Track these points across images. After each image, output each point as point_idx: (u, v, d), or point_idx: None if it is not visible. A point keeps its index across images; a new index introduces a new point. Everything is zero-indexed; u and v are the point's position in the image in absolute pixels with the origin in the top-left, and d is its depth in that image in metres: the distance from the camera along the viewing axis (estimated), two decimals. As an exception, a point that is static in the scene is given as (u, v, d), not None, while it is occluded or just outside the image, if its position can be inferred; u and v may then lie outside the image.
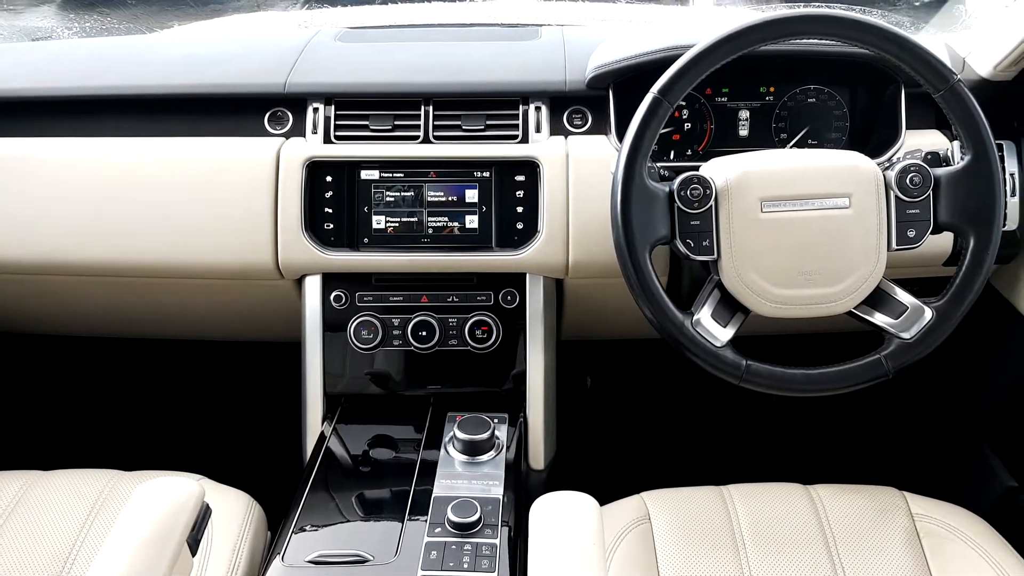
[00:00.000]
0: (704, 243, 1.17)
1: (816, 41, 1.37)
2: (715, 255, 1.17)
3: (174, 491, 0.90)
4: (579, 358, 1.54)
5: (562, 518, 0.88)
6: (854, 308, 1.18)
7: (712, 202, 1.16)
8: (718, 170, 1.19)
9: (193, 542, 0.90)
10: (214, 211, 1.43)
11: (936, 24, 1.99)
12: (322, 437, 1.39)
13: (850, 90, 1.51)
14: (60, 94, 1.52)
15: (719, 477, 1.42)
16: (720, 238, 1.16)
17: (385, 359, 1.46)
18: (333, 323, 1.45)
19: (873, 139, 1.49)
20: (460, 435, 1.30)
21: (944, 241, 1.38)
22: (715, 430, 2.16)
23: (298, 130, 1.48)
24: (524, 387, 1.45)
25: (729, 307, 1.18)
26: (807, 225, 1.15)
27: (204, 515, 0.93)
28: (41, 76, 1.58)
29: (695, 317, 1.17)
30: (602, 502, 1.07)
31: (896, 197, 1.16)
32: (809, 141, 1.51)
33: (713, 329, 1.17)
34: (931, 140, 1.44)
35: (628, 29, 1.58)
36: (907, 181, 1.15)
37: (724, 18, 1.66)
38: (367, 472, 1.32)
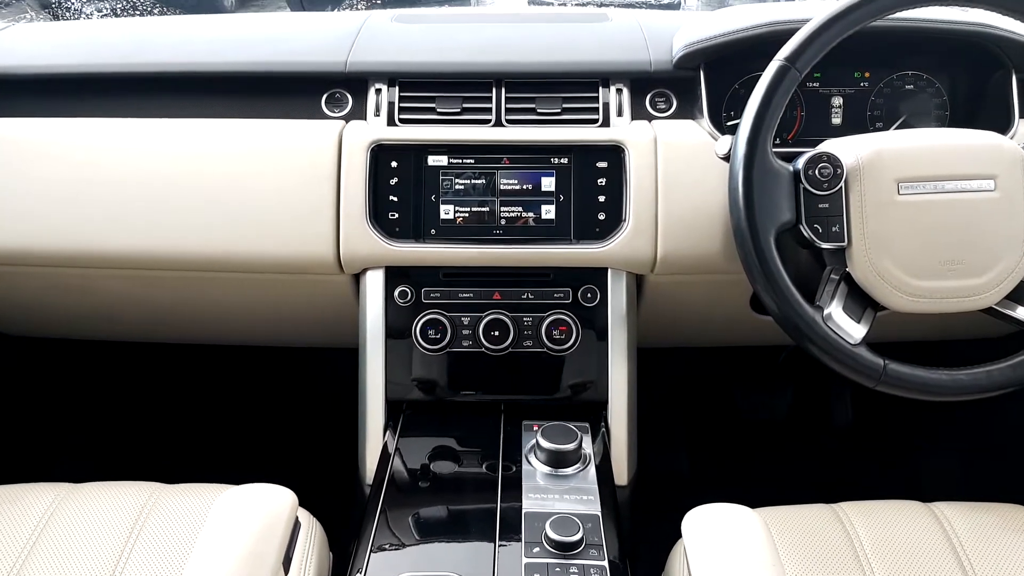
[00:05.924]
0: (833, 228, 1.05)
1: (932, 17, 1.27)
2: (845, 242, 1.05)
3: (267, 501, 0.76)
4: None
5: (729, 535, 0.75)
6: (995, 303, 1.07)
7: (842, 183, 1.05)
8: (847, 148, 1.07)
9: (287, 560, 0.77)
10: (268, 199, 1.30)
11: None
12: (386, 447, 1.26)
13: (950, 76, 1.41)
14: (100, 71, 1.40)
15: (805, 493, 1.30)
16: (851, 223, 1.05)
17: (453, 362, 1.33)
18: (396, 322, 1.32)
19: (976, 127, 1.38)
20: (544, 444, 1.17)
21: None
22: (791, 443, 2.04)
23: (358, 113, 1.37)
24: (604, 394, 1.33)
25: (859, 302, 1.06)
26: (949, 209, 1.04)
27: (295, 529, 0.80)
28: (78, 53, 1.45)
29: (825, 312, 1.05)
30: None
31: None
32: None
33: (847, 326, 1.04)
34: None
35: (710, 11, 1.47)
36: None
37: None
38: (443, 485, 1.18)
